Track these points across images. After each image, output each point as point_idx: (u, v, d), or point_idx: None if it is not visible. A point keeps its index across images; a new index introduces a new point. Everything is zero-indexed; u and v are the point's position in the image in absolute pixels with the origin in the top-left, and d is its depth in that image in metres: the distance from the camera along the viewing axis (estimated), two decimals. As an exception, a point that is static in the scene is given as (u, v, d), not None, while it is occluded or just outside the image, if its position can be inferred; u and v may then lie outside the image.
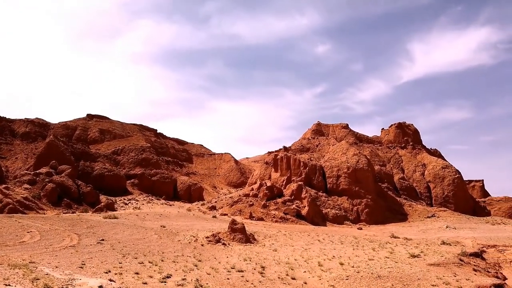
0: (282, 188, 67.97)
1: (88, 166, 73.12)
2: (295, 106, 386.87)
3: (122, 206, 59.24)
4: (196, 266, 21.38)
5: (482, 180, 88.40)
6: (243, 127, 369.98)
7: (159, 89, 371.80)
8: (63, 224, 33.45)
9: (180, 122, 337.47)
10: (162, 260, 22.13)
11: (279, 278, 20.13)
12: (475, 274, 23.51)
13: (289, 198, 63.30)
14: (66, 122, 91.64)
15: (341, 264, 23.86)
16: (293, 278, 20.36)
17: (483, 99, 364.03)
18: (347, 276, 20.67)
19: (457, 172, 78.35)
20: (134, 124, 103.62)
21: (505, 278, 26.29)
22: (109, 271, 18.08)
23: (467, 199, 75.90)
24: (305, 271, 22.04)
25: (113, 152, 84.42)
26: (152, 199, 71.64)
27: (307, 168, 71.61)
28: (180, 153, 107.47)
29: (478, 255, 30.42)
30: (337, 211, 64.23)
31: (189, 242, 29.58)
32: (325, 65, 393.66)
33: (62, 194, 52.99)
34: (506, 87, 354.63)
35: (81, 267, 18.35)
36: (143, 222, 39.94)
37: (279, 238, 35.46)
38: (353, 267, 23.09)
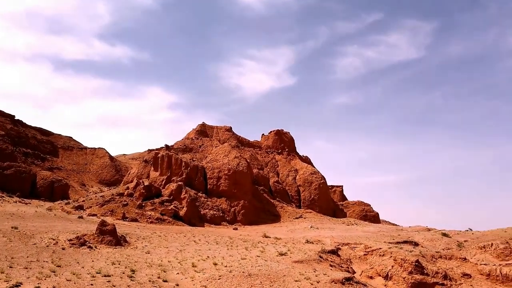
0: (161, 188, 65.85)
1: None
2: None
3: (-40, 204, 49.14)
4: (54, 272, 18.96)
5: (342, 186, 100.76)
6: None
7: None
8: None
9: None
10: (11, 267, 19.04)
11: (150, 281, 19.26)
12: (331, 269, 26.48)
13: (167, 198, 61.65)
14: None
15: (215, 264, 24.12)
16: (165, 281, 19.73)
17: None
18: (220, 276, 20.99)
19: (323, 178, 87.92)
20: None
21: (354, 272, 30.34)
22: None
23: (329, 202, 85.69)
24: (178, 273, 21.59)
25: (-47, 138, 69.58)
26: (3, 196, 61.22)
27: (189, 168, 70.93)
28: (43, 144, 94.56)
29: (335, 252, 34.43)
30: (215, 212, 65.12)
31: (47, 246, 26.11)
32: None
33: None
34: None
35: None
36: (-12, 223, 33.80)
37: (154, 240, 34.09)
38: (226, 266, 23.56)
